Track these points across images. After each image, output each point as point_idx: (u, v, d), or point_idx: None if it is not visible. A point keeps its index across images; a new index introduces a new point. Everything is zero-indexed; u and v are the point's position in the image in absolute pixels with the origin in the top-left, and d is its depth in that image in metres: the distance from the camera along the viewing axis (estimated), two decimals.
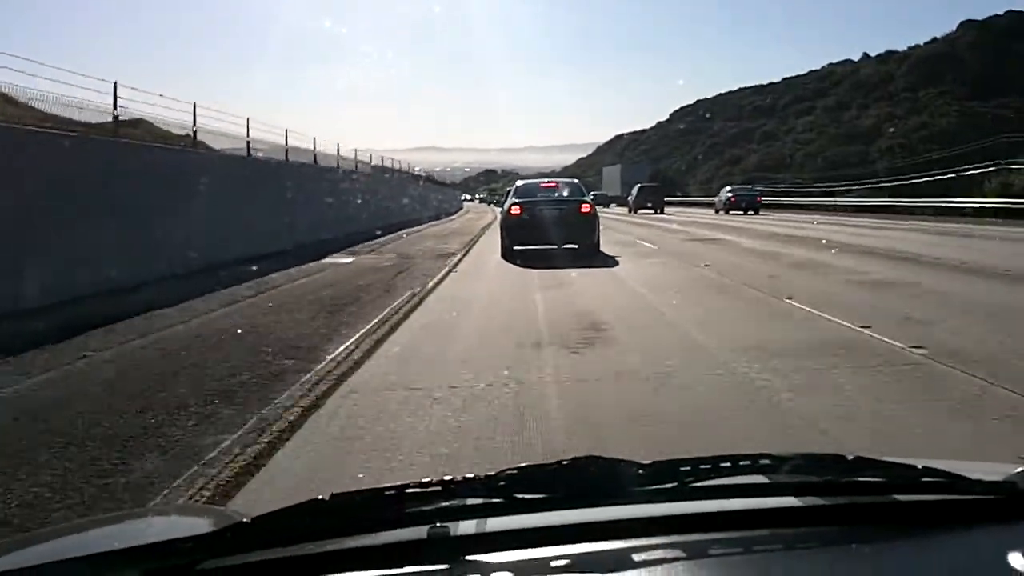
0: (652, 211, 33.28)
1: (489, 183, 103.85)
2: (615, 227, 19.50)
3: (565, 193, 12.40)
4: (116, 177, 7.87)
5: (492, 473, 0.81)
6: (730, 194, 32.69)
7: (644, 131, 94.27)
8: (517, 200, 11.96)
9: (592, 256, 10.96)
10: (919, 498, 0.83)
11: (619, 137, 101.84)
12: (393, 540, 0.78)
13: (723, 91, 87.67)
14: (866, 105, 57.64)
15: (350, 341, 4.96)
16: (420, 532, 0.78)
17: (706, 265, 9.70)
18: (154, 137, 10.65)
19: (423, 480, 0.80)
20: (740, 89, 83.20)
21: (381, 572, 0.74)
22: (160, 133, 11.01)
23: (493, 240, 13.89)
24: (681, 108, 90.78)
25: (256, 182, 12.57)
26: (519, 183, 13.93)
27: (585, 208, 11.73)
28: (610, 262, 10.43)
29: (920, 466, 0.83)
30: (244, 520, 0.80)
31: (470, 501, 0.81)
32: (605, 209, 36.45)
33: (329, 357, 4.48)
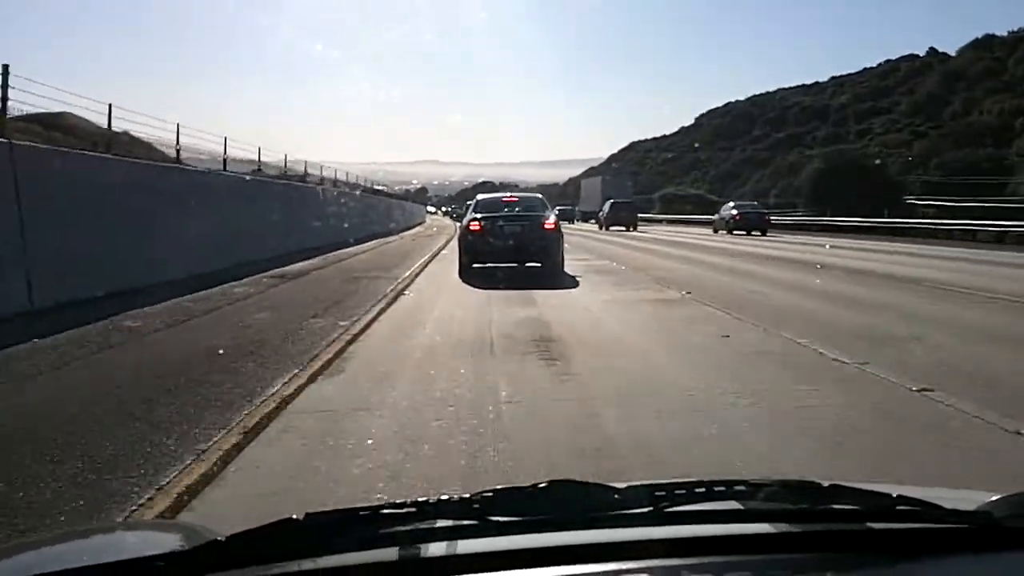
0: (624, 228, 36.15)
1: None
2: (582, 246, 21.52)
3: (528, 208, 13.22)
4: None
5: (467, 495, 0.94)
6: (734, 212, 32.25)
7: (666, 137, 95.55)
8: (477, 215, 12.72)
9: (555, 277, 11.83)
10: (894, 526, 0.96)
11: (634, 145, 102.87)
12: (365, 561, 0.89)
13: (758, 92, 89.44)
14: (974, 98, 54.05)
15: None
16: (392, 553, 0.90)
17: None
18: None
19: (398, 501, 0.94)
20: (780, 90, 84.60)
21: None
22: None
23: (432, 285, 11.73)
24: (709, 111, 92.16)
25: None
26: (479, 197, 14.75)
27: (549, 225, 12.55)
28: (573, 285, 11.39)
29: (895, 494, 0.97)
30: (218, 538, 0.91)
31: (444, 523, 0.93)
32: (571, 225, 40.48)
33: None
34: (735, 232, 30.83)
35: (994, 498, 1.01)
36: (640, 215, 42.02)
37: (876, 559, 0.93)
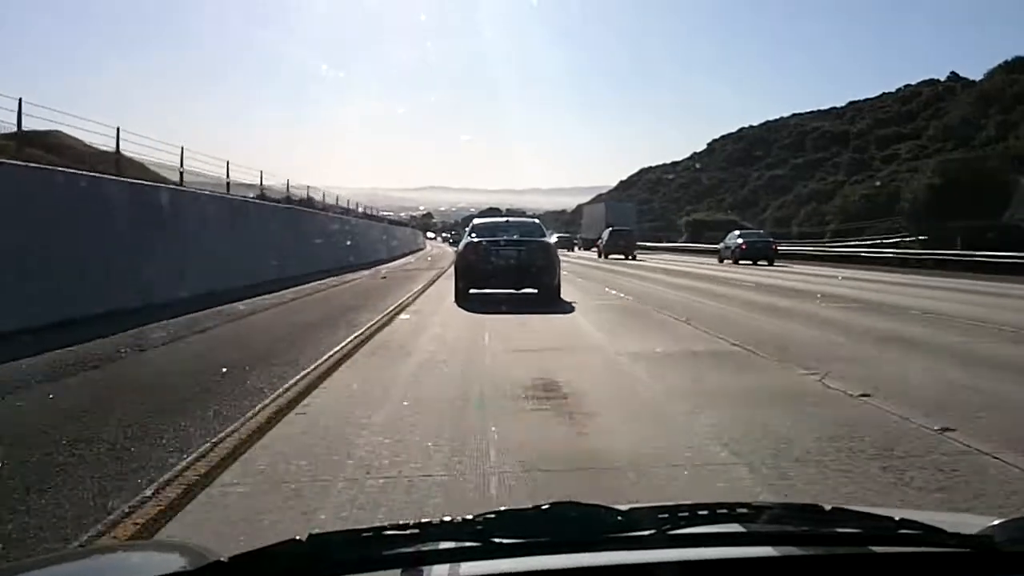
0: (623, 257, 37.92)
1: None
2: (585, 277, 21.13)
3: (525, 233, 13.65)
4: None
5: (470, 516, 0.99)
6: (740, 240, 31.93)
7: (676, 163, 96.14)
8: (473, 239, 13.20)
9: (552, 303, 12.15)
10: (896, 550, 0.99)
11: (644, 172, 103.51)
12: None
13: (770, 118, 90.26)
14: (1010, 121, 51.85)
15: None
16: (394, 575, 0.93)
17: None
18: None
19: (400, 522, 0.98)
20: (794, 115, 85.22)
21: None
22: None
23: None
24: (722, 137, 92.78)
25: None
26: (476, 221, 15.49)
27: (546, 250, 13.09)
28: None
29: (897, 518, 1.00)
30: (221, 559, 0.95)
31: (447, 544, 0.97)
32: (570, 253, 43.90)
33: None
34: (741, 262, 30.69)
35: (996, 522, 1.04)
36: (640, 243, 43.74)
37: None
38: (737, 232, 34.36)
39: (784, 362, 7.08)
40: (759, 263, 30.17)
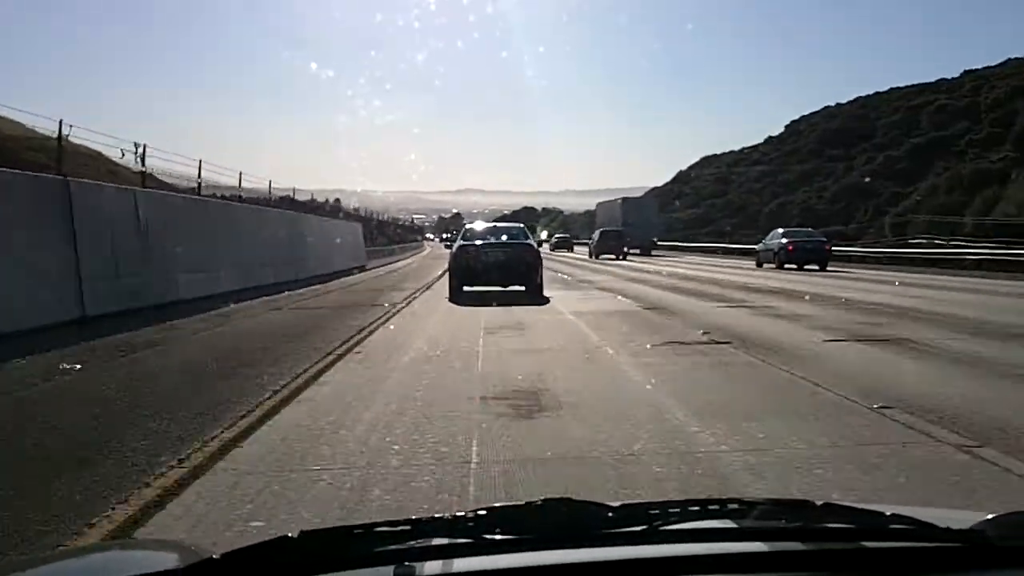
0: (614, 257, 44.26)
1: (528, 220, 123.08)
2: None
3: (511, 237, 18.04)
4: None
5: (461, 513, 1.18)
6: (784, 241, 31.52)
7: (747, 150, 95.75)
8: (464, 243, 17.67)
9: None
10: (887, 545, 1.18)
11: (709, 160, 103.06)
12: None
13: (864, 93, 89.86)
14: None
15: None
16: (387, 572, 1.09)
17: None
18: None
19: (392, 519, 1.19)
20: (892, 90, 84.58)
21: None
22: None
23: None
24: (803, 117, 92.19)
25: None
26: (467, 226, 20.51)
27: (529, 251, 17.52)
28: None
29: (889, 513, 1.19)
30: (213, 556, 1.12)
31: (439, 541, 1.16)
32: (570, 254, 55.62)
33: None
34: (786, 266, 30.54)
35: (988, 517, 1.22)
36: (659, 242, 52.29)
37: None
38: (781, 231, 33.90)
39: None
40: (804, 267, 30.05)
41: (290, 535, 1.12)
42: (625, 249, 46.21)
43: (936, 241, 38.79)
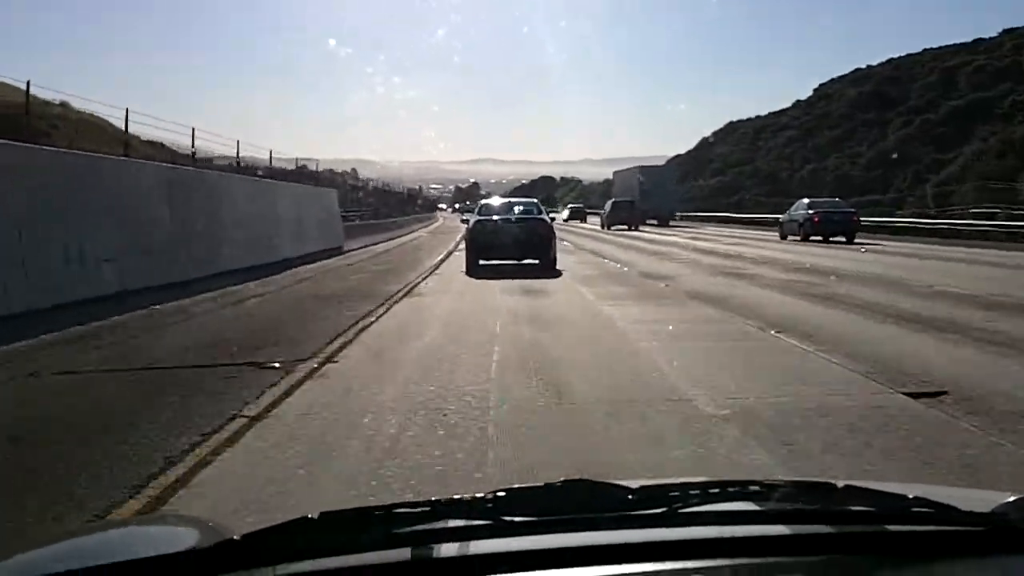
0: (627, 228, 46.03)
1: (547, 190, 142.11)
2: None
3: (525, 211, 19.56)
4: None
5: (480, 495, 1.22)
6: (810, 212, 31.39)
7: (776, 114, 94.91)
8: (480, 218, 19.07)
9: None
10: (909, 528, 1.20)
11: (734, 126, 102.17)
12: (379, 561, 1.12)
13: (893, 55, 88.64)
14: None
15: None
16: (405, 553, 1.13)
17: None
18: None
19: (411, 500, 1.23)
20: (927, 51, 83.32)
21: None
22: None
23: None
24: (832, 80, 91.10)
25: None
26: (482, 202, 22.22)
27: (542, 226, 18.68)
28: None
29: (911, 495, 1.22)
30: (233, 537, 1.15)
31: (457, 522, 1.19)
32: (583, 224, 57.73)
33: None
34: (812, 238, 30.52)
35: (1010, 499, 1.25)
36: (680, 214, 56.43)
37: (890, 561, 1.18)
38: (806, 200, 33.75)
39: None
40: (830, 239, 29.94)
41: (310, 516, 1.16)
42: (639, 220, 48.11)
43: (991, 211, 37.62)
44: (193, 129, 22.77)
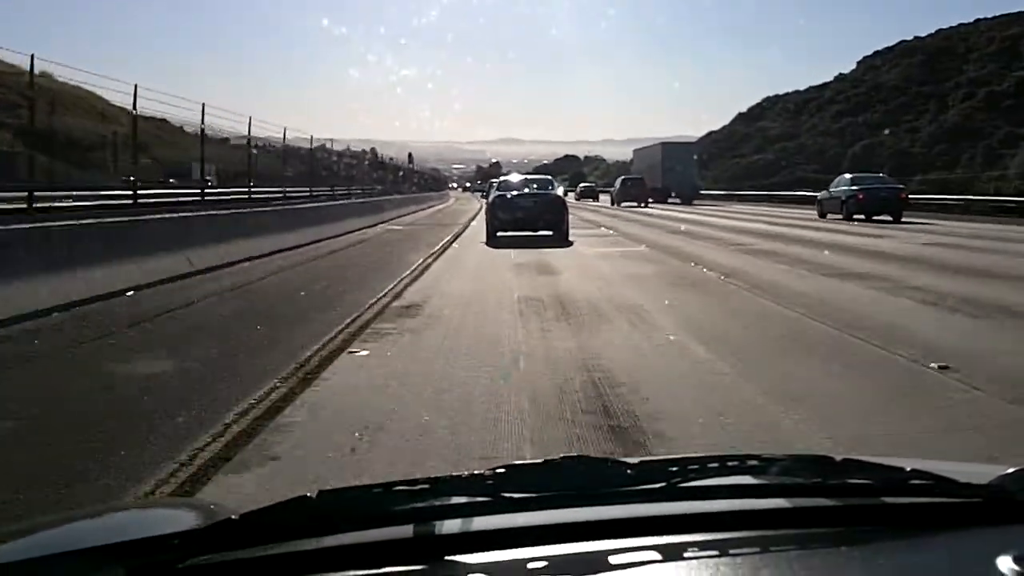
0: (636, 204, 50.52)
1: (570, 169, 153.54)
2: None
3: (540, 187, 22.99)
4: None
5: (480, 471, 1.29)
6: (854, 188, 30.91)
7: (819, 88, 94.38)
8: (499, 192, 22.50)
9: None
10: (907, 500, 1.28)
11: (771, 102, 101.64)
12: (378, 539, 1.18)
13: (945, 26, 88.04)
14: None
15: None
16: (406, 531, 1.20)
17: None
18: None
19: (411, 478, 1.30)
20: (979, 20, 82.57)
21: (365, 572, 1.12)
22: None
23: None
24: (876, 53, 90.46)
25: None
26: (501, 178, 25.93)
27: (556, 200, 22.23)
28: None
29: (908, 468, 1.30)
30: (231, 516, 1.20)
31: (457, 499, 1.27)
32: (594, 202, 64.17)
33: None
34: (855, 218, 30.07)
35: (1009, 471, 1.32)
36: (702, 192, 60.94)
37: (889, 533, 1.26)
38: (848, 176, 33.12)
39: None
40: (874, 218, 29.52)
41: (308, 495, 1.21)
42: (648, 197, 52.31)
43: None
44: (204, 105, 23.78)
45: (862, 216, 30.22)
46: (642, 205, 50.34)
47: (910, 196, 32.32)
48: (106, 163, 27.84)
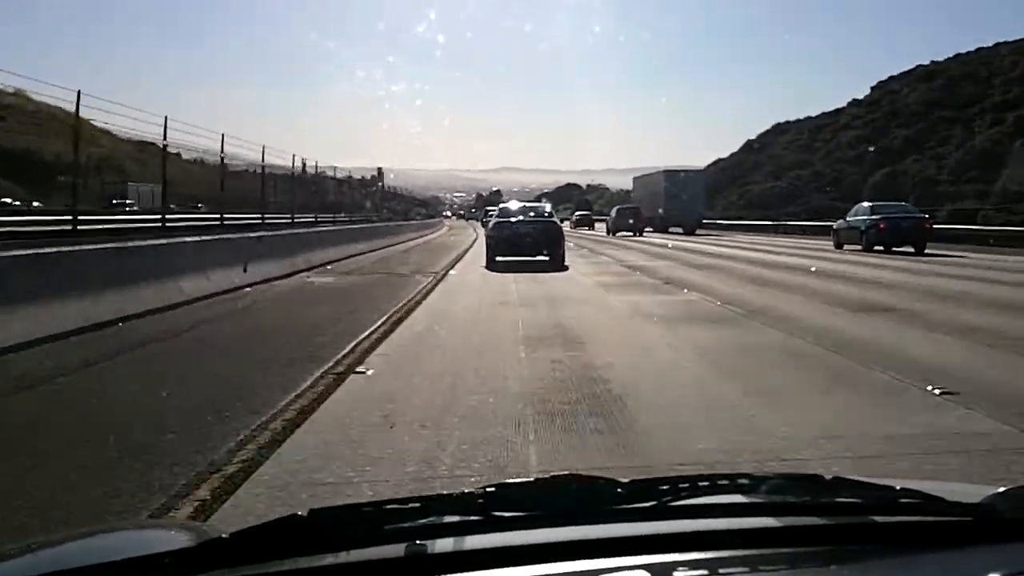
0: (631, 234, 51.46)
1: (571, 198, 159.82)
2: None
3: (538, 215, 25.08)
4: None
5: (471, 490, 1.34)
6: (875, 217, 29.93)
7: (830, 113, 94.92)
8: (499, 220, 24.31)
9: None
10: (897, 519, 1.33)
11: (780, 128, 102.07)
12: (370, 558, 1.21)
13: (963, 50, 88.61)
14: None
15: None
16: (398, 550, 1.22)
17: None
18: None
19: (402, 496, 1.37)
20: (1000, 44, 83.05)
21: None
22: None
23: None
24: (892, 78, 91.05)
25: None
26: (501, 206, 27.76)
27: (553, 227, 23.91)
28: None
29: (898, 487, 1.35)
30: (222, 536, 1.24)
31: (448, 518, 1.30)
32: (590, 231, 64.19)
33: None
34: (875, 248, 29.24)
35: (999, 490, 1.37)
36: (711, 220, 62.78)
37: (878, 552, 1.30)
38: (867, 204, 32.16)
39: None
40: (894, 249, 28.53)
41: (300, 513, 1.26)
42: (643, 227, 53.60)
43: None
44: (224, 136, 26.34)
45: (881, 247, 29.34)
46: (636, 234, 51.58)
47: (934, 226, 31.45)
48: (78, 186, 28.33)
